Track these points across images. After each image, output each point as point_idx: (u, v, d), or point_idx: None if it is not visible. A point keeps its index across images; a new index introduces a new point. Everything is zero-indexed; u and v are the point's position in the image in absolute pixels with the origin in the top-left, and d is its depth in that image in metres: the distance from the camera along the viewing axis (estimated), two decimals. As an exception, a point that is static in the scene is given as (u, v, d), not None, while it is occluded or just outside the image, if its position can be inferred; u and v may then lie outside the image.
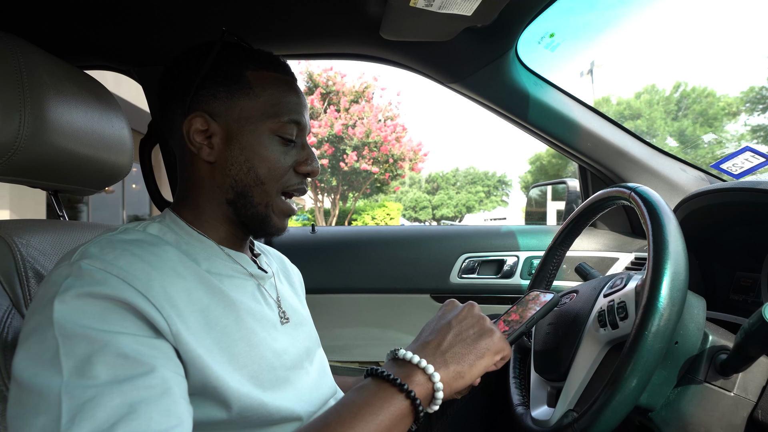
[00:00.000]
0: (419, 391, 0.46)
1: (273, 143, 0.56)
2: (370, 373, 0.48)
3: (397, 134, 10.12)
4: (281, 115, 0.56)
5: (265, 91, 0.56)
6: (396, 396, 0.45)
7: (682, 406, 0.52)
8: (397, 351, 0.49)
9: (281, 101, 0.56)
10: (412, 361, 0.47)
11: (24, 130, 0.56)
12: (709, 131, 16.62)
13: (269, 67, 0.58)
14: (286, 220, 0.60)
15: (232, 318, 0.51)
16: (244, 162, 0.55)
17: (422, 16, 0.75)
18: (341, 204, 11.69)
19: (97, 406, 0.35)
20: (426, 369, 0.47)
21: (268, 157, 0.55)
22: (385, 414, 0.44)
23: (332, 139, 9.82)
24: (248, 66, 0.56)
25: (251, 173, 0.55)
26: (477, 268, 1.26)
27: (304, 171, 0.58)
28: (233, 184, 0.55)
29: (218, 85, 0.55)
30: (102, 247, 0.45)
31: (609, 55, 61.50)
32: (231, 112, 0.55)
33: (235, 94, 0.55)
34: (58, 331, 0.38)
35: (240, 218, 0.57)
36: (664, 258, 0.48)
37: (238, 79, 0.55)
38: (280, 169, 0.56)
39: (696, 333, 0.52)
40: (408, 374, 0.47)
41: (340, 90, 10.09)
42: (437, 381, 0.46)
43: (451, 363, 0.48)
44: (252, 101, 0.55)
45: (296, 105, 0.58)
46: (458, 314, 0.52)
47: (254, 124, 0.55)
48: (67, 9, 0.78)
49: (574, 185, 1.36)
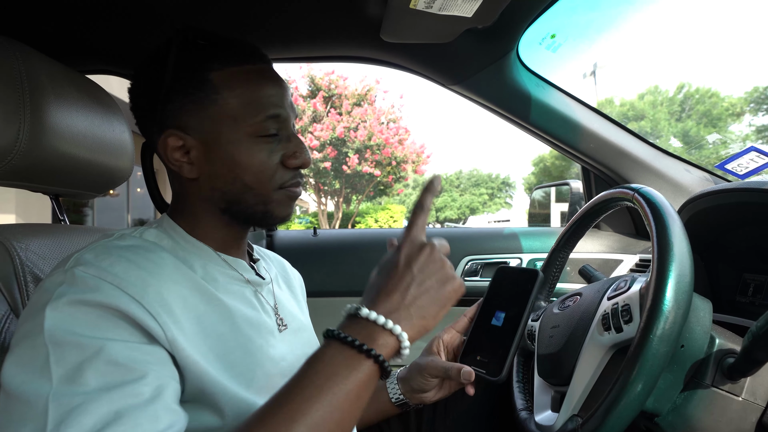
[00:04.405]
0: (386, 352, 0.42)
1: (254, 146, 0.52)
2: (330, 335, 0.42)
3: (400, 137, 10.13)
4: (257, 114, 0.51)
5: (234, 92, 0.51)
6: (363, 362, 0.41)
7: (689, 410, 0.51)
8: (360, 309, 0.43)
9: (254, 98, 0.52)
10: (377, 321, 0.42)
11: (24, 134, 0.56)
12: (714, 132, 16.55)
13: (235, 61, 0.52)
14: (290, 208, 0.56)
15: (227, 325, 0.50)
16: (227, 174, 0.52)
17: (422, 18, 0.75)
18: (344, 207, 11.70)
19: (84, 413, 0.35)
20: (393, 329, 0.42)
21: (252, 164, 0.52)
22: (352, 382, 0.40)
23: (335, 142, 9.84)
24: (211, 66, 0.51)
25: (237, 183, 0.52)
26: (480, 271, 1.25)
27: (293, 165, 0.54)
28: (222, 196, 0.53)
29: (183, 96, 0.51)
30: (97, 253, 0.45)
31: (612, 56, 61.49)
32: (203, 123, 0.51)
33: (203, 103, 0.51)
34: (49, 338, 0.38)
35: (238, 220, 0.56)
36: (668, 260, 0.47)
37: (203, 84, 0.51)
38: (267, 171, 0.53)
39: (702, 336, 0.51)
40: (371, 335, 0.42)
41: (342, 93, 10.12)
42: (405, 340, 0.42)
43: (415, 317, 0.44)
44: (222, 107, 0.51)
45: (272, 97, 0.53)
46: (419, 258, 0.46)
47: (230, 131, 0.51)
48: (67, 13, 0.78)
49: (577, 187, 1.35)
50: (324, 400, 0.38)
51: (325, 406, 0.38)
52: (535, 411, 0.65)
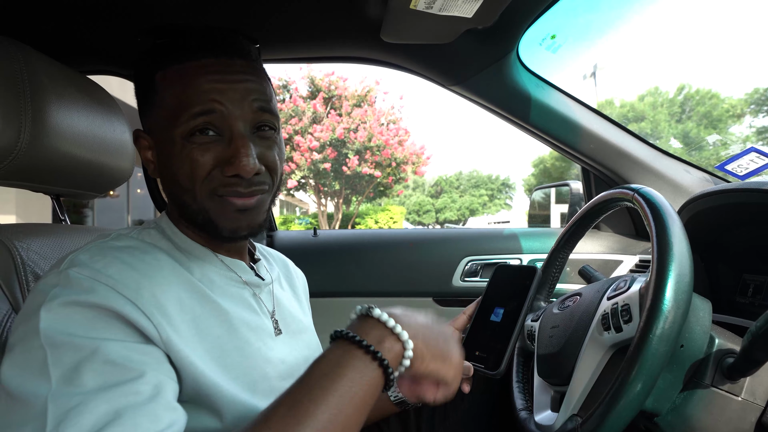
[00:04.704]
0: (391, 357, 0.42)
1: (186, 146, 0.49)
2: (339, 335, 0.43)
3: (400, 138, 10.13)
4: (184, 112, 0.49)
5: (169, 91, 0.50)
6: (369, 365, 0.41)
7: (689, 410, 0.51)
8: (372, 309, 0.44)
9: (183, 96, 0.49)
10: (387, 323, 0.43)
11: (25, 134, 0.56)
12: (714, 133, 16.55)
13: (176, 59, 0.50)
14: (235, 220, 0.52)
15: (224, 328, 0.50)
16: (168, 174, 0.52)
17: (423, 19, 0.75)
18: (344, 208, 11.70)
19: (83, 413, 0.35)
20: (401, 335, 0.43)
21: (183, 163, 0.50)
22: (358, 385, 0.40)
23: (335, 143, 9.85)
24: (155, 69, 0.51)
25: (175, 183, 0.51)
26: (480, 272, 1.25)
27: (230, 172, 0.49)
28: (172, 198, 0.54)
29: (140, 98, 0.54)
30: (92, 254, 0.45)
31: (612, 57, 61.54)
32: (153, 124, 0.53)
33: (151, 104, 0.52)
34: (45, 340, 0.38)
35: (195, 226, 0.54)
36: (668, 260, 0.47)
37: (149, 86, 0.52)
38: (198, 170, 0.49)
39: (702, 336, 0.51)
40: (379, 338, 0.42)
41: (342, 94, 10.12)
42: (409, 349, 0.43)
43: (420, 339, 0.45)
44: (160, 107, 0.51)
45: (207, 92, 0.49)
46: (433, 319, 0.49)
47: (166, 131, 0.50)
48: (68, 13, 0.78)
49: (577, 187, 1.35)
50: (330, 402, 0.38)
51: (331, 409, 0.38)
52: (535, 411, 0.65)
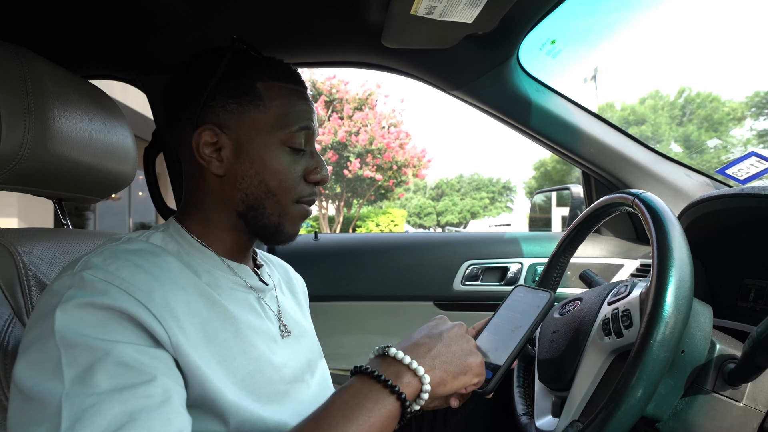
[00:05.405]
0: (408, 391, 0.45)
1: (283, 154, 0.55)
2: (359, 371, 0.47)
3: (401, 141, 10.15)
4: (291, 125, 0.56)
5: (275, 102, 0.55)
6: (387, 397, 0.44)
7: (690, 416, 0.50)
8: (388, 348, 0.48)
9: (291, 111, 0.56)
10: (404, 361, 0.47)
11: (28, 139, 0.56)
12: (714, 136, 16.54)
13: (280, 78, 0.57)
14: (299, 226, 0.60)
15: (231, 332, 0.50)
16: (254, 175, 0.54)
17: (423, 24, 0.75)
18: (345, 211, 11.71)
19: (97, 414, 0.36)
20: (417, 370, 0.46)
21: (279, 169, 0.55)
22: (376, 416, 0.43)
23: (336, 146, 9.86)
24: (260, 77, 0.56)
25: (262, 186, 0.55)
26: (480, 275, 1.25)
27: (314, 180, 0.58)
28: (244, 198, 0.55)
29: (228, 97, 0.54)
30: (105, 257, 0.45)
31: (612, 61, 61.59)
32: (241, 124, 0.54)
33: (246, 106, 0.54)
34: (60, 340, 0.38)
35: (251, 228, 0.57)
36: (668, 265, 0.47)
37: (250, 90, 0.55)
38: (290, 179, 0.56)
39: (703, 341, 0.51)
40: (397, 374, 0.46)
41: (343, 98, 10.16)
42: (426, 383, 0.46)
43: (438, 368, 0.48)
44: (262, 113, 0.55)
45: (305, 112, 0.58)
46: (449, 329, 0.53)
47: (264, 136, 0.55)
48: (71, 19, 0.79)
49: (577, 191, 1.35)
50: (350, 429, 0.41)
51: None
52: (536, 416, 0.64)
